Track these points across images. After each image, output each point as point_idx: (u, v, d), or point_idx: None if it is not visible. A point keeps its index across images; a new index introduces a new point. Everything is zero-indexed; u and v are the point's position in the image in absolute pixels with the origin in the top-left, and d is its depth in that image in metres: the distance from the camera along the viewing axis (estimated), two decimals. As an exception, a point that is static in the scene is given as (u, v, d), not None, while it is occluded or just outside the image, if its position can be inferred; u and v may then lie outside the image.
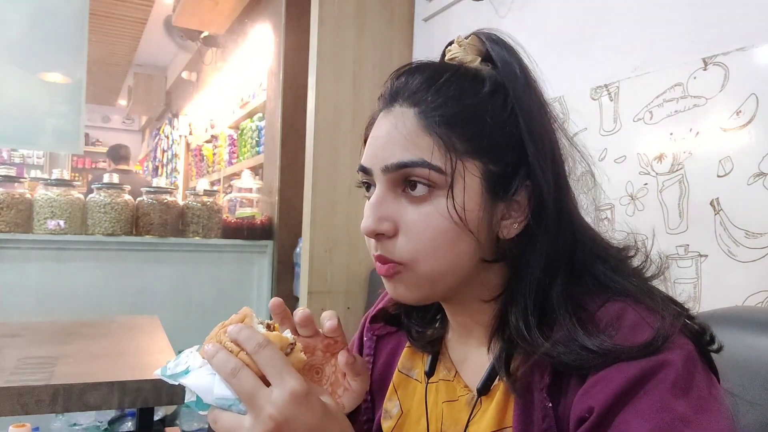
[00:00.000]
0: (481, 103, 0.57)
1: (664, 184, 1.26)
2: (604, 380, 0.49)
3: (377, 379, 0.72)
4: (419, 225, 0.55)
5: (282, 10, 2.93)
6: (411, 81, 0.59)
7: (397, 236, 0.56)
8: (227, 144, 4.07)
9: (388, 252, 0.57)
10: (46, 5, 2.68)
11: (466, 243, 0.56)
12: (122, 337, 1.56)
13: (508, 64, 0.58)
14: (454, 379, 0.65)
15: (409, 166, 0.55)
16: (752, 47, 1.11)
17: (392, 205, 0.57)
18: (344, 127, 2.16)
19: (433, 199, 0.55)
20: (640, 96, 1.33)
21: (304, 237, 2.18)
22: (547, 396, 0.53)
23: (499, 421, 0.58)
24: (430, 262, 0.56)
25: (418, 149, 0.55)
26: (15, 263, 2.40)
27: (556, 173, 0.57)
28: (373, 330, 0.74)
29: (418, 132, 0.55)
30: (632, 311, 0.53)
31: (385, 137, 0.57)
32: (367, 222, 0.57)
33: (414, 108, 0.57)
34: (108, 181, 2.62)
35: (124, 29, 5.17)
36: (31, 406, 1.03)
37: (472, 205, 0.55)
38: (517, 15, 1.75)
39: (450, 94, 0.56)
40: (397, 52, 2.25)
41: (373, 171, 0.58)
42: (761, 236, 1.08)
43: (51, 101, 2.72)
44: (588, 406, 0.49)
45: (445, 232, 0.55)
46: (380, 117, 0.60)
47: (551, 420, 0.53)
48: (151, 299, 2.60)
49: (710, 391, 0.49)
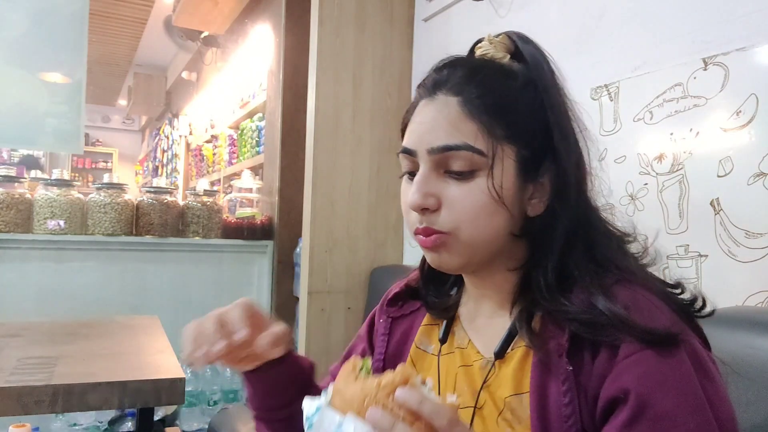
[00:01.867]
0: (516, 95, 0.64)
1: (664, 184, 1.26)
2: (636, 363, 0.54)
3: (391, 357, 0.77)
4: (462, 199, 0.62)
5: (282, 10, 2.93)
6: (454, 73, 0.65)
7: (440, 210, 0.63)
8: (227, 144, 4.07)
9: (432, 223, 0.63)
10: (46, 5, 2.68)
11: (501, 217, 0.62)
12: (122, 337, 1.56)
13: (538, 61, 0.66)
14: (468, 345, 0.70)
15: (453, 148, 0.61)
16: (752, 47, 1.11)
17: (436, 182, 0.63)
18: (344, 127, 2.16)
19: (474, 178, 0.62)
20: (640, 96, 1.33)
21: (304, 237, 2.18)
22: (567, 360, 0.58)
23: (516, 386, 0.62)
24: (470, 230, 0.62)
25: (461, 134, 0.62)
26: (15, 263, 2.40)
27: (576, 159, 0.64)
28: (388, 312, 0.79)
29: (462, 118, 0.62)
30: (644, 295, 0.58)
31: (431, 122, 0.63)
32: (415, 197, 0.63)
33: (457, 97, 0.63)
34: (108, 181, 2.62)
35: (124, 29, 5.17)
36: (31, 406, 1.03)
37: (508, 184, 0.62)
38: (517, 15, 1.75)
39: (489, 86, 0.63)
40: (397, 52, 2.25)
41: (418, 152, 0.64)
42: (761, 236, 1.08)
43: (51, 101, 2.72)
44: (621, 387, 0.54)
45: (484, 206, 0.62)
46: (422, 104, 0.66)
47: (571, 383, 0.57)
48: (151, 299, 2.60)
49: (716, 368, 0.57)
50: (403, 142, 0.67)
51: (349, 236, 2.16)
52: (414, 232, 0.65)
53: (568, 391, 0.57)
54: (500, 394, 0.63)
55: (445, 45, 2.09)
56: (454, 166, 0.62)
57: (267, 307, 2.85)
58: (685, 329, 0.57)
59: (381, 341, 0.78)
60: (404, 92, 2.26)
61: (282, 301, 2.86)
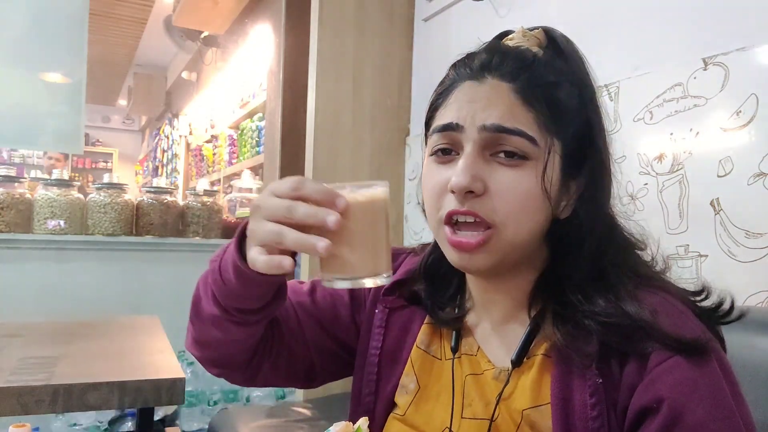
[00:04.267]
0: (564, 92, 0.62)
1: (664, 184, 1.26)
2: (668, 371, 0.53)
3: (388, 352, 0.72)
4: (512, 188, 0.58)
5: (282, 10, 2.93)
6: (505, 60, 0.62)
7: (487, 196, 0.58)
8: (227, 144, 4.07)
9: (478, 210, 0.58)
10: (46, 5, 2.68)
11: (543, 214, 0.60)
12: (122, 337, 1.56)
13: (580, 60, 0.65)
14: (477, 353, 0.67)
15: (508, 132, 0.58)
16: (752, 47, 1.11)
17: (484, 165, 0.59)
18: (344, 127, 2.15)
19: (524, 167, 0.58)
20: (640, 96, 1.33)
21: (304, 237, 2.18)
22: (597, 372, 0.55)
23: (534, 397, 0.59)
24: (514, 226, 0.59)
25: (516, 120, 0.58)
26: (15, 263, 2.40)
27: (609, 161, 0.63)
28: (385, 302, 0.74)
29: (517, 105, 0.59)
30: (669, 300, 0.58)
31: (485, 101, 0.60)
32: (461, 178, 0.57)
33: (510, 83, 0.60)
34: (108, 181, 2.62)
35: (124, 29, 5.17)
36: (31, 406, 1.03)
37: (555, 180, 0.60)
38: (517, 15, 1.75)
39: (542, 78, 0.61)
40: (397, 52, 2.25)
41: (466, 128, 0.59)
42: (761, 236, 1.08)
43: (51, 101, 2.72)
44: (655, 396, 0.53)
45: (534, 199, 0.58)
46: (468, 85, 0.62)
47: (601, 395, 0.55)
48: (151, 299, 2.60)
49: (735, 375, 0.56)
50: (437, 120, 0.63)
51: (349, 236, 2.15)
52: (448, 216, 0.59)
53: (597, 404, 0.55)
54: (517, 406, 0.60)
55: (445, 45, 2.09)
56: (505, 150, 0.58)
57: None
58: (711, 335, 0.56)
59: (377, 333, 0.73)
60: (404, 92, 2.26)
61: (282, 301, 2.85)
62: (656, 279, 0.61)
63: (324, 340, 0.76)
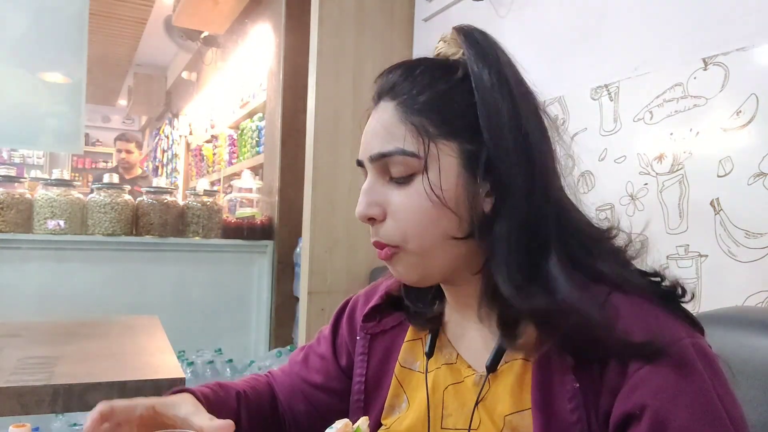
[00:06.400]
0: (453, 88, 0.61)
1: (664, 184, 1.26)
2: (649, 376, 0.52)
3: (372, 378, 0.72)
4: (404, 207, 0.60)
5: (282, 10, 2.93)
6: (391, 76, 0.64)
7: (386, 220, 0.61)
8: (227, 144, 4.07)
9: (380, 236, 0.62)
10: (46, 5, 2.68)
11: (448, 220, 0.59)
12: (122, 337, 1.56)
13: (479, 51, 0.61)
14: (457, 360, 0.66)
15: (387, 155, 0.60)
16: (752, 47, 1.11)
17: (381, 189, 0.62)
18: (344, 127, 2.16)
19: (415, 181, 0.59)
20: (640, 96, 1.33)
21: (304, 237, 2.18)
22: (574, 377, 0.55)
23: (515, 403, 0.59)
24: (417, 240, 0.60)
25: (394, 139, 0.60)
26: (15, 263, 2.40)
27: (524, 153, 0.59)
28: (366, 329, 0.75)
29: (395, 123, 0.60)
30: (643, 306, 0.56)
31: (371, 131, 0.63)
32: (359, 207, 0.62)
33: (394, 101, 0.62)
34: (108, 181, 2.62)
35: (124, 29, 5.17)
36: (31, 406, 1.03)
37: (449, 183, 0.59)
38: (517, 15, 1.75)
39: (424, 82, 0.61)
40: (397, 52, 2.25)
41: (364, 162, 0.63)
42: (761, 236, 1.08)
43: (51, 101, 2.72)
44: (636, 402, 0.51)
45: (427, 211, 0.59)
46: (371, 114, 0.65)
47: (579, 400, 0.54)
48: (151, 299, 2.60)
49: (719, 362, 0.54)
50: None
51: (349, 236, 2.16)
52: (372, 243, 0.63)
53: (576, 409, 0.54)
54: (499, 411, 0.59)
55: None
56: (393, 172, 0.60)
57: (267, 307, 2.85)
58: (687, 328, 0.55)
59: (360, 361, 0.73)
60: (404, 92, 2.26)
61: (282, 301, 2.86)
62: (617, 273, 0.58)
63: (326, 400, 0.78)
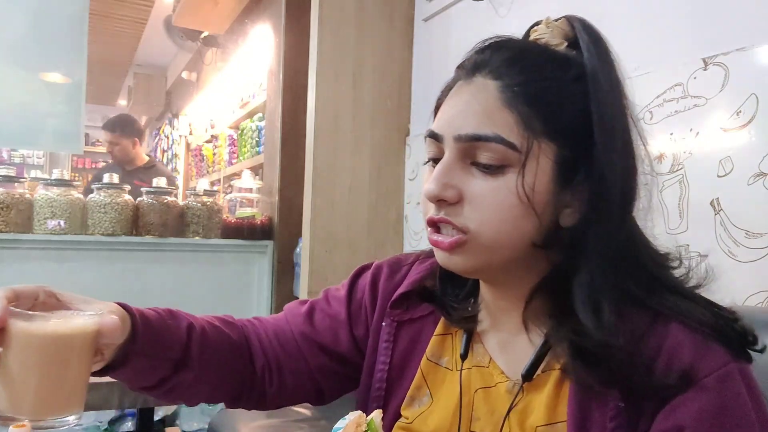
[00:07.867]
0: (564, 87, 0.57)
1: (664, 184, 1.26)
2: (691, 398, 0.51)
3: (396, 366, 0.70)
4: (487, 197, 0.55)
5: (282, 10, 2.93)
6: (496, 55, 0.58)
7: (461, 204, 0.56)
8: (227, 144, 4.07)
9: (452, 218, 0.56)
10: (46, 5, 2.68)
11: (529, 223, 0.55)
12: (122, 337, 1.56)
13: (596, 51, 0.58)
14: (489, 365, 0.64)
15: (483, 139, 0.55)
16: (752, 47, 1.11)
17: (460, 173, 0.57)
18: (344, 127, 2.15)
19: (504, 174, 0.55)
20: (640, 96, 1.33)
21: (304, 237, 2.18)
22: (619, 395, 0.53)
23: (549, 414, 0.57)
24: (493, 234, 0.56)
25: (495, 124, 0.55)
26: (15, 263, 2.40)
27: (625, 168, 0.57)
28: (393, 315, 0.71)
29: (498, 106, 0.55)
30: (690, 333, 0.54)
31: (463, 106, 0.57)
32: (432, 185, 0.56)
33: (497, 81, 0.56)
34: (108, 181, 2.62)
35: (124, 29, 5.16)
36: (31, 406, 1.03)
37: (542, 187, 0.55)
38: (517, 15, 1.75)
39: (535, 73, 0.57)
40: (397, 52, 2.25)
41: (444, 138, 0.58)
42: (761, 236, 1.08)
43: (51, 101, 2.72)
44: (676, 424, 0.51)
45: (511, 209, 0.55)
46: (459, 86, 0.59)
47: (622, 419, 0.53)
48: (151, 299, 2.58)
49: (763, 397, 0.54)
50: (432, 124, 0.61)
51: (349, 236, 2.16)
52: (428, 222, 0.58)
53: (617, 429, 0.53)
54: (531, 422, 0.57)
55: (445, 45, 2.09)
56: (482, 158, 0.55)
57: (267, 307, 2.85)
58: (735, 353, 0.54)
59: (385, 348, 0.70)
60: (404, 92, 2.26)
61: (282, 301, 2.86)
62: (683, 301, 0.56)
63: (328, 364, 0.75)
